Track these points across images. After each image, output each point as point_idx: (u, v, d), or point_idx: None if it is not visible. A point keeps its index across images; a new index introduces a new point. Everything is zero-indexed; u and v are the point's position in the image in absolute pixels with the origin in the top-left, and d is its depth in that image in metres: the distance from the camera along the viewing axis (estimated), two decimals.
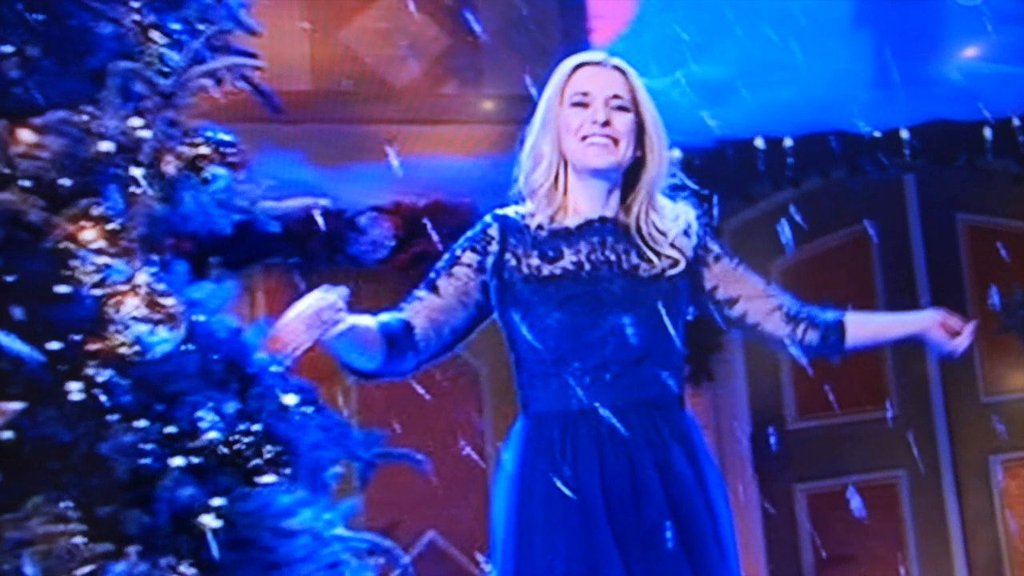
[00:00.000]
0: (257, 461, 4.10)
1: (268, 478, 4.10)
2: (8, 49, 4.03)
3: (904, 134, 7.49)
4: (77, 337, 3.89)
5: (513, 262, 3.56)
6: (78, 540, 3.68)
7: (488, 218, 3.67)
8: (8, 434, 3.72)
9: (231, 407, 4.01)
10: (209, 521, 3.93)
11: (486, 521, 7.47)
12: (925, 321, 3.60)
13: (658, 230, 3.58)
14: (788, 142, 7.56)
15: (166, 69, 4.23)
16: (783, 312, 3.72)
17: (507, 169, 7.11)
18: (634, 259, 3.54)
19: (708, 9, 7.50)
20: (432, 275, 3.63)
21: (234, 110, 4.46)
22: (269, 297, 6.38)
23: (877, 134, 7.47)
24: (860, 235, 7.64)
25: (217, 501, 3.95)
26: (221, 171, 4.16)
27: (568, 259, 3.53)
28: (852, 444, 7.45)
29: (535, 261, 3.54)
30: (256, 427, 4.05)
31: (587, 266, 3.52)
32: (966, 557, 7.54)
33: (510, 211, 3.66)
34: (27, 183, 3.86)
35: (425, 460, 4.73)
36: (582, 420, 3.46)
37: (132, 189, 3.99)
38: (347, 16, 7.11)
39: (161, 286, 3.95)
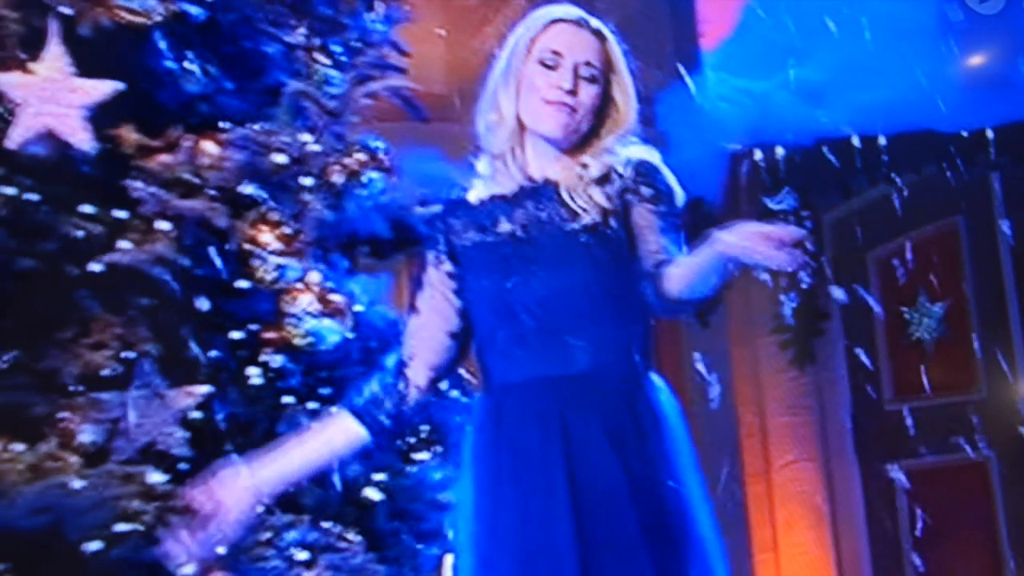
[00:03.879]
0: (412, 440, 4.34)
1: (423, 456, 4.34)
2: (192, 68, 4.26)
3: (989, 134, 7.46)
4: (256, 327, 4.15)
5: (456, 241, 3.21)
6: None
7: (436, 209, 3.40)
8: (198, 414, 3.95)
9: None
10: (372, 494, 4.19)
11: None
12: (728, 238, 2.90)
13: (587, 180, 3.13)
14: (882, 140, 7.51)
15: (331, 89, 4.47)
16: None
17: None
18: (565, 215, 3.11)
19: (808, 14, 7.53)
20: (412, 295, 3.30)
21: (375, 109, 4.66)
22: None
23: (964, 133, 7.43)
24: (951, 228, 7.66)
25: (379, 476, 4.21)
26: (377, 176, 4.37)
27: (503, 227, 3.16)
28: (946, 425, 7.42)
29: (472, 233, 3.20)
30: None
31: (520, 232, 3.14)
32: None
33: (456, 191, 3.33)
34: (213, 192, 4.12)
35: None
36: (523, 392, 3.08)
37: (303, 197, 4.22)
38: (478, 23, 7.22)
39: (330, 283, 4.20)
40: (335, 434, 3.22)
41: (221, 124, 4.24)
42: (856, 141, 7.54)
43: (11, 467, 3.60)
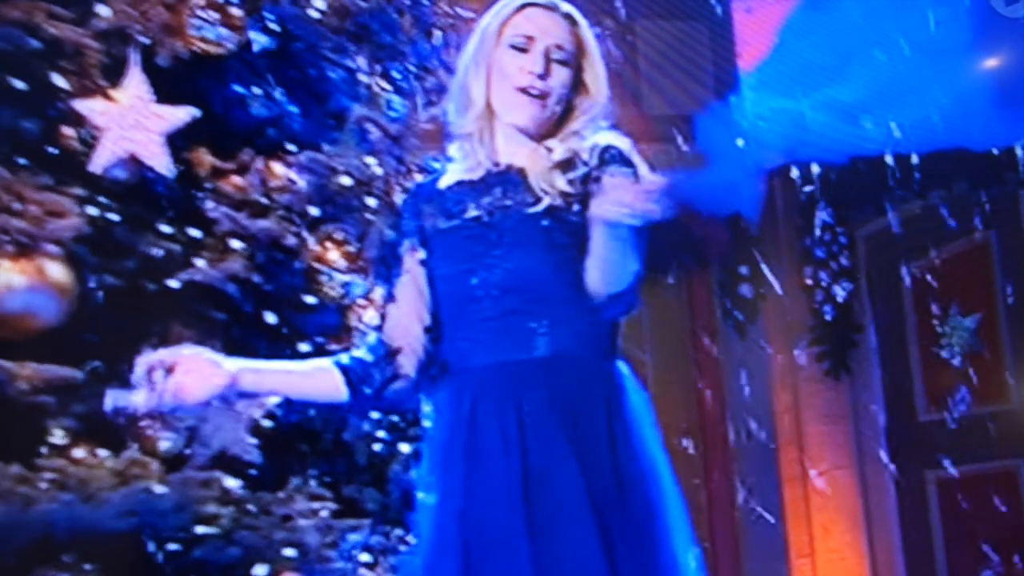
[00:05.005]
0: None
1: None
2: (261, 93, 4.40)
3: (1019, 152, 7.55)
4: (322, 340, 4.26)
5: (427, 226, 3.13)
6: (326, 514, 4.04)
7: (408, 196, 3.35)
8: (268, 423, 4.08)
9: None
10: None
11: None
12: (598, 207, 2.85)
13: (551, 165, 3.04)
14: (915, 158, 7.60)
15: (392, 113, 4.60)
16: None
17: (665, 183, 7.41)
18: (529, 200, 3.02)
19: (843, 35, 7.64)
20: (389, 283, 3.25)
21: (435, 132, 4.77)
22: None
23: (995, 151, 7.54)
24: (982, 243, 7.76)
25: None
26: None
27: (471, 212, 3.06)
28: (977, 434, 7.49)
29: (441, 219, 3.11)
30: None
31: (485, 217, 3.05)
32: None
33: (429, 178, 3.30)
34: (283, 212, 4.25)
35: None
36: (483, 376, 3.00)
37: (367, 216, 4.32)
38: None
39: None
40: (320, 380, 3.13)
41: (288, 147, 4.35)
42: (889, 159, 7.61)
43: (98, 473, 3.74)
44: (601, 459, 2.91)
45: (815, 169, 7.78)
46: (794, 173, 7.83)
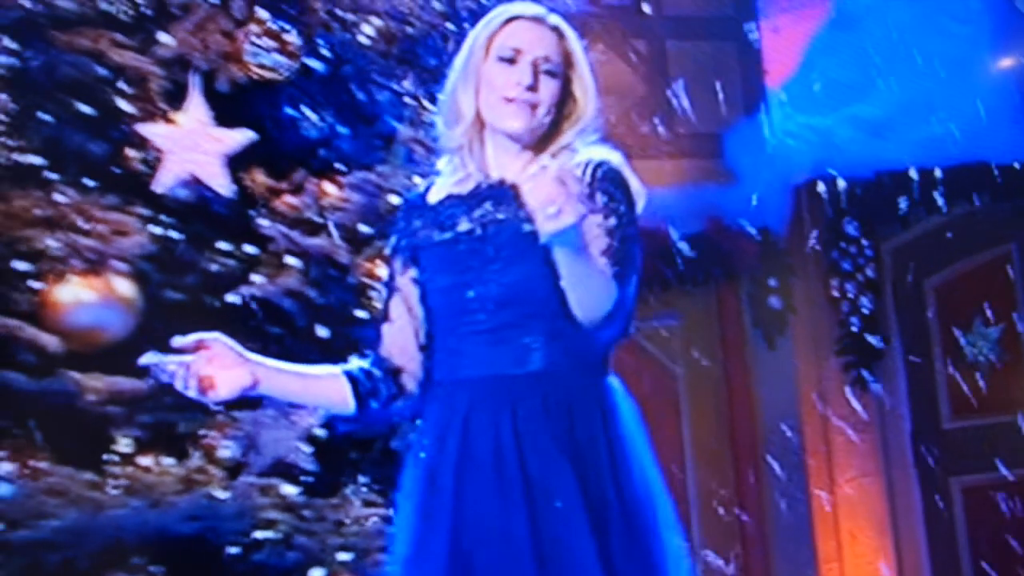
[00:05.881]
0: None
1: None
2: (312, 116, 4.52)
3: None
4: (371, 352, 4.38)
5: (417, 242, 3.09)
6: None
7: (399, 211, 3.28)
8: (322, 432, 4.20)
9: None
10: None
11: (688, 507, 7.83)
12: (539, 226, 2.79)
13: (554, 179, 2.89)
14: (938, 173, 7.62)
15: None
16: None
17: (698, 198, 7.52)
18: (523, 216, 2.92)
19: (867, 54, 7.67)
20: (384, 301, 3.20)
21: None
22: None
23: (1016, 165, 7.53)
24: (1003, 256, 7.75)
25: None
26: None
27: (462, 226, 3.02)
28: (1001, 442, 7.46)
29: (433, 232, 3.07)
30: None
31: (478, 230, 3.01)
32: None
33: (416, 192, 3.25)
34: (335, 230, 4.38)
35: None
36: (475, 388, 2.97)
37: None
38: None
39: None
40: (330, 388, 3.09)
41: (339, 167, 4.49)
42: (914, 173, 7.66)
43: (164, 479, 3.88)
44: (598, 469, 2.90)
45: (841, 184, 7.82)
46: (820, 188, 7.86)
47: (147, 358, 3.00)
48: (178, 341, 2.97)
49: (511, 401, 2.93)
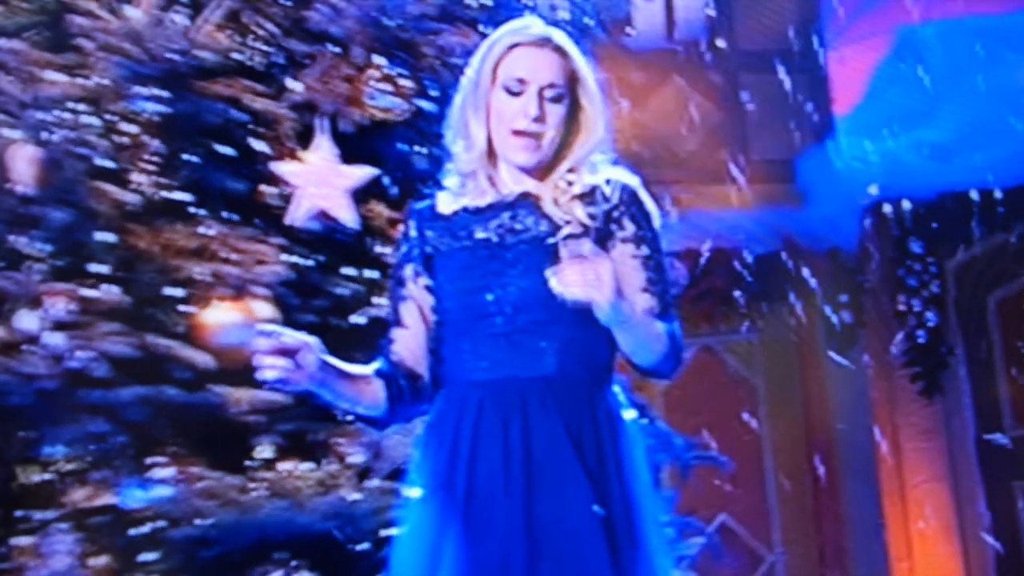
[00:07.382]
0: None
1: None
2: (423, 151, 4.74)
3: None
4: None
5: (431, 250, 3.09)
6: None
7: (409, 220, 3.21)
8: None
9: None
10: None
11: (767, 509, 8.09)
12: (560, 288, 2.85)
13: (571, 196, 3.02)
14: (998, 194, 7.81)
15: None
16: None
17: (771, 220, 7.75)
18: (542, 227, 2.99)
19: (929, 82, 7.91)
20: (394, 307, 3.17)
21: None
22: None
23: None
24: None
25: None
26: None
27: (478, 234, 3.03)
28: None
29: (448, 240, 3.06)
30: None
31: (495, 239, 3.01)
32: None
33: (426, 202, 3.19)
34: None
35: (728, 462, 5.30)
36: (489, 389, 2.98)
37: None
38: (642, 98, 7.65)
39: None
40: (368, 389, 3.07)
41: None
42: (975, 194, 7.86)
43: (303, 482, 4.19)
44: (604, 469, 2.93)
45: (906, 205, 8.04)
46: (887, 209, 8.08)
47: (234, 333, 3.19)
48: (284, 338, 2.92)
49: (523, 399, 2.95)
